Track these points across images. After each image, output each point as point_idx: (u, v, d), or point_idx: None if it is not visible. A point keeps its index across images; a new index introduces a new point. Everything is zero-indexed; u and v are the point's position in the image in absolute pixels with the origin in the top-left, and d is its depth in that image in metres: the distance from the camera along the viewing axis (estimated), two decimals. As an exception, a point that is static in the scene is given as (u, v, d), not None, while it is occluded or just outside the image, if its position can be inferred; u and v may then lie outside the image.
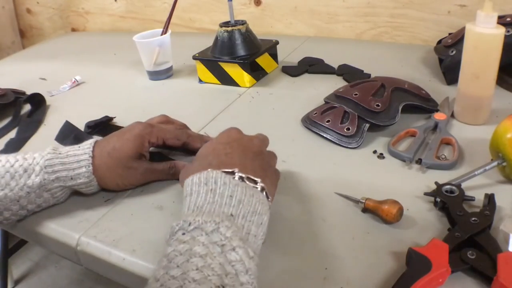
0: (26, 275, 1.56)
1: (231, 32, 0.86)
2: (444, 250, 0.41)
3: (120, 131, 0.57)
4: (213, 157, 0.47)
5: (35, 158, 0.51)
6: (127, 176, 0.55)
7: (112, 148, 0.54)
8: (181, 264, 0.33)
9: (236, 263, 0.35)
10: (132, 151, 0.54)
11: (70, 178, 0.52)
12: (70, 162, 0.52)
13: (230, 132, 0.52)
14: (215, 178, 0.41)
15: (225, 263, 0.34)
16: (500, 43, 0.60)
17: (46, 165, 0.51)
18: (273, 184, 0.48)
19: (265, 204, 0.42)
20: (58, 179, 0.51)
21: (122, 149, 0.54)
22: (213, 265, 0.34)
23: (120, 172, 0.54)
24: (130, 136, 0.55)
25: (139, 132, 0.55)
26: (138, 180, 0.57)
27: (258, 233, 0.40)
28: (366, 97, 0.66)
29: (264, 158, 0.49)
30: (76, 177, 0.52)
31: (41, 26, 1.70)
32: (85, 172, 0.52)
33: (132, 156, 0.54)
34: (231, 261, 0.35)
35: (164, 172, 0.57)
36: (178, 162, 0.58)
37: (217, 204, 0.39)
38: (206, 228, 0.36)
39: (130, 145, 0.54)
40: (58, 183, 0.51)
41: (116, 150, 0.54)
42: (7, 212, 0.51)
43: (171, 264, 0.34)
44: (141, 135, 0.55)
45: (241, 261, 0.35)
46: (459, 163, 0.57)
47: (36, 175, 0.50)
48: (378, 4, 1.04)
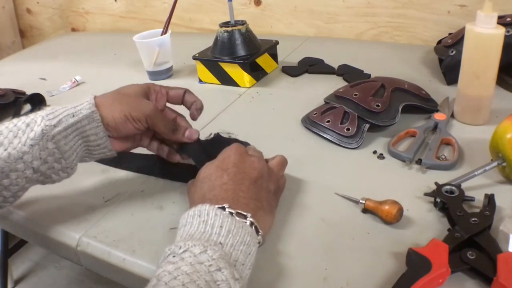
0: (26, 275, 1.56)
1: (231, 32, 0.86)
2: (444, 251, 0.41)
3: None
4: (208, 188, 0.47)
5: (38, 113, 0.49)
6: (137, 107, 0.52)
7: (119, 88, 0.55)
8: (168, 282, 0.35)
9: (222, 283, 0.36)
10: (140, 89, 0.55)
11: (72, 115, 0.49)
12: (73, 105, 0.50)
13: (231, 154, 0.50)
14: (208, 210, 0.42)
15: (211, 281, 0.36)
16: (500, 43, 0.60)
17: (48, 113, 0.49)
18: (269, 213, 0.48)
19: (254, 237, 0.43)
20: (60, 122, 0.48)
21: (130, 87, 0.55)
22: (198, 282, 0.35)
23: (129, 102, 0.52)
24: (133, 85, 0.56)
25: (142, 84, 0.57)
26: (146, 115, 0.52)
27: (246, 262, 0.40)
28: (366, 97, 0.66)
29: (262, 184, 0.49)
30: (78, 113, 0.49)
31: (41, 26, 1.70)
32: (86, 105, 0.50)
33: (139, 92, 0.55)
34: (217, 281, 0.36)
35: (167, 126, 0.55)
36: (182, 121, 0.59)
37: (207, 233, 0.41)
38: (194, 251, 0.38)
39: (135, 87, 0.56)
40: (60, 126, 0.48)
41: (123, 89, 0.55)
42: (13, 174, 0.48)
43: (160, 283, 0.35)
44: (145, 84, 0.57)
45: (226, 281, 0.36)
46: (459, 163, 0.57)
47: (38, 125, 0.48)
48: (378, 4, 1.04)
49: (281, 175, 0.53)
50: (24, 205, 0.58)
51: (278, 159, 0.54)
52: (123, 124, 0.51)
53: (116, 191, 0.59)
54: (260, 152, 0.56)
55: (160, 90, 0.58)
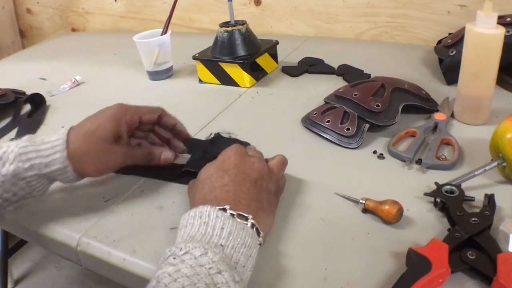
0: (26, 275, 1.56)
1: (231, 32, 0.86)
2: (444, 251, 0.41)
3: (94, 114, 0.55)
4: (209, 189, 0.47)
5: (10, 147, 0.50)
6: (106, 160, 0.54)
7: (87, 131, 0.52)
8: (168, 284, 0.35)
9: (222, 286, 0.36)
10: (108, 133, 0.53)
11: (44, 165, 0.50)
12: (44, 149, 0.51)
13: (232, 155, 0.50)
14: (209, 212, 0.42)
15: (211, 284, 0.36)
16: (500, 43, 0.60)
17: (20, 152, 0.50)
18: (269, 213, 0.48)
19: (255, 238, 0.43)
20: (32, 167, 0.50)
21: (98, 132, 0.52)
22: (198, 285, 0.35)
23: (99, 156, 0.53)
24: (105, 116, 0.54)
25: (113, 112, 0.54)
26: (118, 164, 0.55)
27: (246, 264, 0.40)
28: (366, 97, 0.66)
29: (262, 184, 0.49)
30: (50, 164, 0.50)
31: (41, 26, 1.70)
32: (59, 158, 0.50)
33: (109, 139, 0.53)
34: (217, 283, 0.36)
35: (142, 157, 0.58)
36: (156, 149, 0.59)
37: (208, 235, 0.41)
38: (195, 253, 0.38)
39: (106, 126, 0.53)
40: (33, 171, 0.50)
41: (92, 134, 0.52)
42: None
43: (159, 285, 0.35)
44: (116, 115, 0.54)
45: (226, 284, 0.36)
46: (459, 163, 0.57)
47: (10, 163, 0.49)
48: (378, 4, 1.04)
49: (281, 175, 0.53)
50: (24, 205, 0.58)
51: (278, 159, 0.54)
52: (94, 174, 0.55)
53: (116, 191, 0.59)
54: (260, 153, 0.56)
55: (132, 119, 0.56)
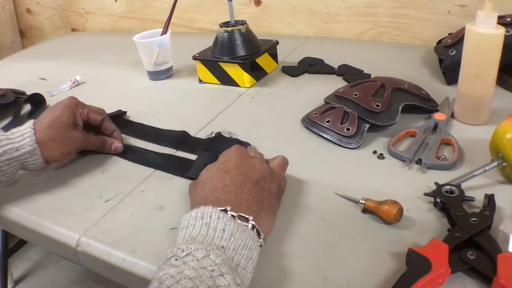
0: (26, 275, 1.56)
1: (231, 32, 0.86)
2: (444, 251, 0.41)
3: (51, 106, 0.65)
4: (210, 190, 0.47)
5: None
6: (69, 143, 0.62)
7: (50, 120, 0.61)
8: (171, 286, 0.35)
9: None
10: (68, 119, 0.62)
11: (16, 149, 0.57)
12: (15, 137, 0.58)
13: (233, 155, 0.50)
14: (210, 213, 0.42)
15: (213, 286, 0.36)
16: (500, 43, 0.60)
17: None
18: (270, 215, 0.48)
19: (256, 240, 0.43)
20: (4, 152, 0.57)
21: (59, 119, 0.62)
22: (201, 287, 0.35)
23: (63, 140, 0.61)
24: (61, 107, 0.63)
25: (67, 103, 0.64)
26: (78, 148, 0.64)
27: (247, 266, 0.40)
28: (366, 97, 0.66)
29: (263, 185, 0.49)
30: (21, 148, 0.58)
31: (41, 26, 1.70)
32: (28, 141, 0.58)
33: (69, 125, 0.62)
34: (219, 286, 0.36)
35: (96, 144, 0.66)
36: (109, 139, 0.67)
37: (210, 236, 0.41)
38: (197, 255, 0.38)
39: (64, 114, 0.63)
40: (5, 156, 0.57)
41: (54, 121, 0.61)
42: None
43: (162, 286, 0.35)
44: (70, 105, 0.64)
45: (228, 287, 0.36)
46: (459, 163, 0.57)
47: None
48: (378, 4, 1.04)
49: (282, 176, 0.53)
50: (24, 205, 0.58)
51: (279, 159, 0.54)
52: (59, 158, 0.62)
53: (116, 191, 0.59)
54: (261, 154, 0.56)
55: (83, 112, 0.66)
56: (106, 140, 0.67)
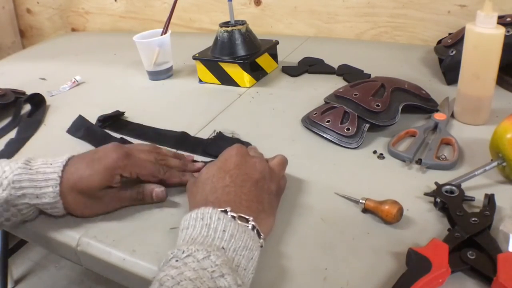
0: (26, 275, 1.56)
1: (231, 32, 0.86)
2: (444, 250, 0.41)
3: (94, 156, 0.52)
4: (210, 190, 0.47)
5: (5, 172, 0.50)
6: (92, 206, 0.53)
7: (78, 178, 0.50)
8: (171, 287, 0.35)
9: None
10: (98, 184, 0.51)
11: (36, 196, 0.49)
12: (38, 179, 0.49)
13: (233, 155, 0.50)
14: (211, 214, 0.42)
15: (214, 287, 0.36)
16: (500, 43, 0.60)
17: (14, 180, 0.49)
18: (270, 214, 0.48)
19: (256, 241, 0.43)
20: (24, 195, 0.49)
21: (88, 181, 0.50)
22: None
23: (85, 202, 0.52)
24: (101, 167, 0.51)
25: (111, 164, 0.51)
26: (104, 210, 0.54)
27: (248, 267, 0.40)
28: (366, 97, 0.66)
29: (263, 185, 0.48)
30: (42, 196, 0.49)
31: (41, 26, 1.70)
32: (51, 192, 0.49)
33: (97, 189, 0.51)
34: (220, 287, 0.36)
35: (132, 199, 0.54)
36: (147, 186, 0.55)
37: (210, 237, 0.41)
38: (197, 256, 0.38)
39: (97, 177, 0.50)
40: (24, 199, 0.49)
41: (81, 181, 0.50)
42: None
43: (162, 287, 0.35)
44: (113, 168, 0.51)
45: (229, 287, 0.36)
46: (459, 163, 0.57)
47: (3, 189, 0.49)
48: (378, 4, 1.04)
49: (282, 176, 0.53)
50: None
51: (279, 159, 0.54)
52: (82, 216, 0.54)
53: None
54: (261, 154, 0.56)
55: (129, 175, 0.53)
56: (143, 190, 0.54)
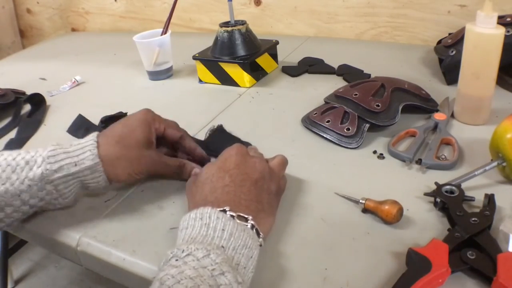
0: (26, 275, 1.56)
1: (231, 32, 0.86)
2: (444, 250, 0.41)
3: (124, 119, 0.56)
4: (210, 190, 0.47)
5: (38, 151, 0.50)
6: (139, 164, 0.53)
7: (119, 136, 0.52)
8: (172, 286, 0.35)
9: (225, 287, 0.36)
10: (141, 137, 0.53)
11: (74, 163, 0.49)
12: (74, 150, 0.50)
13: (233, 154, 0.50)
14: (209, 213, 0.43)
15: (214, 285, 0.36)
16: (500, 43, 0.60)
17: (49, 155, 0.49)
18: (269, 214, 0.48)
19: (255, 239, 0.43)
20: (61, 168, 0.49)
21: (131, 136, 0.53)
22: (202, 286, 0.35)
23: (132, 160, 0.53)
24: (136, 121, 0.54)
25: (144, 117, 0.55)
26: (149, 170, 0.55)
27: (248, 265, 0.40)
28: (366, 97, 0.66)
29: (263, 185, 0.48)
30: (80, 162, 0.49)
31: (41, 26, 1.70)
32: (89, 155, 0.50)
33: (142, 143, 0.53)
34: (220, 285, 0.36)
35: (172, 169, 0.57)
36: (188, 163, 0.57)
37: (209, 236, 0.41)
38: (197, 254, 0.38)
39: (138, 131, 0.53)
40: (61, 172, 0.49)
41: (124, 138, 0.52)
42: (8, 208, 0.49)
43: (163, 286, 0.35)
44: (147, 120, 0.55)
45: (230, 285, 0.36)
46: (459, 163, 0.57)
47: (38, 166, 0.48)
48: (378, 4, 1.04)
49: (282, 176, 0.53)
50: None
51: (279, 159, 0.54)
52: (126, 179, 0.54)
53: (116, 191, 0.59)
54: (261, 154, 0.56)
55: (159, 127, 0.57)
56: (185, 164, 0.57)
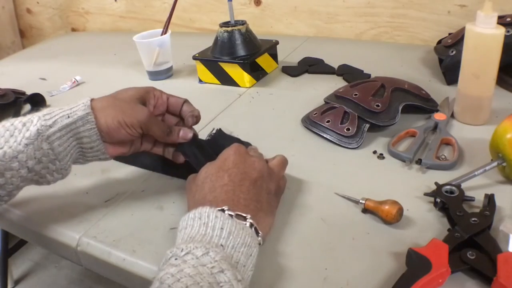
0: (26, 275, 1.56)
1: (231, 32, 0.86)
2: (444, 251, 0.41)
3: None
4: (209, 189, 0.47)
5: (36, 114, 0.50)
6: (131, 115, 0.52)
7: (115, 93, 0.55)
8: (171, 284, 0.35)
9: (225, 284, 0.36)
10: (135, 93, 0.55)
11: (67, 116, 0.49)
12: (70, 107, 0.51)
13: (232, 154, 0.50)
14: (208, 213, 0.43)
15: (214, 283, 0.36)
16: (500, 43, 0.60)
17: (45, 113, 0.50)
18: (269, 214, 0.48)
19: (254, 238, 0.43)
20: (55, 122, 0.49)
21: (126, 91, 0.55)
22: (202, 284, 0.35)
23: (123, 108, 0.52)
24: (135, 87, 0.56)
25: (143, 86, 0.57)
26: (140, 121, 0.52)
27: (247, 263, 0.40)
28: (366, 97, 0.66)
29: (262, 184, 0.49)
30: (73, 114, 0.50)
31: (41, 26, 1.70)
32: (82, 106, 0.50)
33: (136, 97, 0.54)
34: (220, 282, 0.36)
35: (162, 127, 0.55)
36: (179, 127, 0.57)
37: (208, 235, 0.41)
38: (196, 253, 0.38)
39: (133, 89, 0.55)
40: (55, 126, 0.49)
41: (119, 92, 0.55)
42: (8, 173, 0.48)
43: (163, 286, 0.35)
44: (145, 87, 0.57)
45: (229, 283, 0.36)
46: (459, 163, 0.57)
47: (33, 125, 0.48)
48: (378, 4, 1.04)
49: (281, 176, 0.53)
50: (24, 205, 0.58)
51: (279, 159, 0.54)
52: (116, 130, 0.51)
53: (116, 191, 0.59)
54: (261, 154, 0.56)
55: (160, 96, 0.58)
56: (172, 128, 0.56)
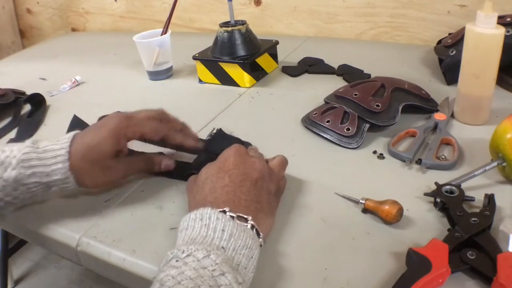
0: (26, 275, 1.56)
1: (231, 32, 0.86)
2: (444, 251, 0.41)
3: (96, 125, 0.55)
4: (210, 190, 0.47)
5: (13, 151, 0.50)
6: (105, 175, 0.54)
7: (86, 148, 0.51)
8: (172, 286, 0.35)
9: (226, 287, 0.36)
10: (108, 150, 0.52)
11: (46, 174, 0.50)
12: (47, 157, 0.50)
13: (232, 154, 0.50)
14: (209, 214, 0.43)
15: (215, 286, 0.36)
16: (500, 43, 0.60)
17: (23, 159, 0.49)
18: (269, 214, 0.48)
19: (256, 240, 0.43)
20: (34, 174, 0.49)
21: (97, 149, 0.52)
22: (202, 287, 0.35)
23: (98, 173, 0.53)
24: (106, 132, 0.52)
25: (114, 127, 0.53)
26: (117, 178, 0.56)
27: (248, 266, 0.40)
28: (366, 97, 0.66)
29: (262, 185, 0.49)
30: (52, 174, 0.50)
31: (41, 26, 1.70)
32: (61, 169, 0.50)
33: (108, 155, 0.53)
34: (221, 285, 0.36)
35: (141, 166, 0.58)
36: (156, 156, 0.59)
37: (209, 237, 0.41)
38: (197, 255, 0.38)
39: (105, 143, 0.52)
40: (34, 178, 0.50)
41: (91, 150, 0.52)
42: None
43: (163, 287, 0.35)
44: (117, 131, 0.53)
45: (230, 286, 0.36)
46: (459, 163, 0.57)
47: (12, 168, 0.49)
48: (378, 4, 1.04)
49: (281, 176, 0.53)
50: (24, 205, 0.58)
51: (279, 159, 0.54)
52: (95, 187, 0.57)
53: (116, 191, 0.59)
54: (261, 154, 0.56)
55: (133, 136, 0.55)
56: (152, 157, 0.59)
